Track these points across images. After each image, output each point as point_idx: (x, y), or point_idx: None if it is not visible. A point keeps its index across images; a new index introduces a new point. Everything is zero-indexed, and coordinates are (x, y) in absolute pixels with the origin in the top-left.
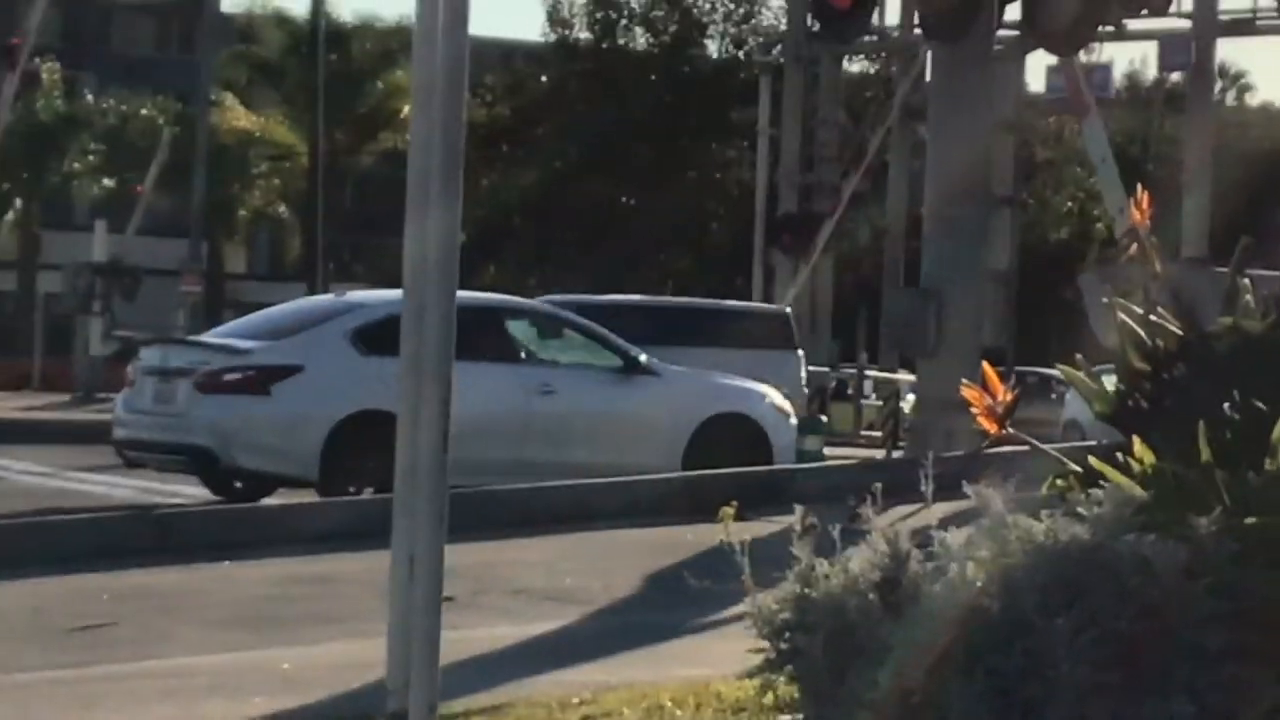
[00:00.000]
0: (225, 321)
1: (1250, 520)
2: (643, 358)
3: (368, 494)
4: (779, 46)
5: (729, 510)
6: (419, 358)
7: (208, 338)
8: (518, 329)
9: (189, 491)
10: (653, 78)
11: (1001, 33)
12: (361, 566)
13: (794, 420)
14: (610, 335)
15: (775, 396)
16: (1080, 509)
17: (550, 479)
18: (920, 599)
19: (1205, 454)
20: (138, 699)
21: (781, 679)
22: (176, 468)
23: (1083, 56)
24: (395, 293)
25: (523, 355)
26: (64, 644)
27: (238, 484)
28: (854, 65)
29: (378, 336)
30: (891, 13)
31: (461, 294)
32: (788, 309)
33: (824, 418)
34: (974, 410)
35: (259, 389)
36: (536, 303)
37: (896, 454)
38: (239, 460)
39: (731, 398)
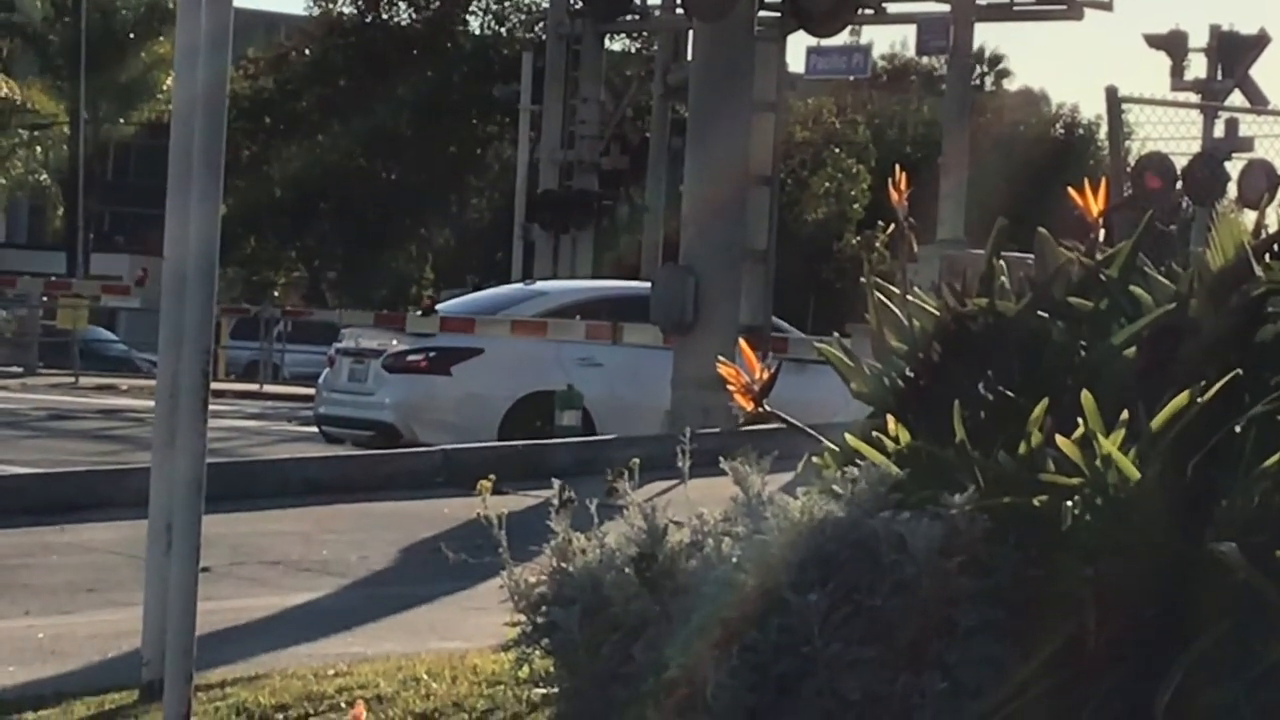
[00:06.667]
0: None
1: (1004, 499)
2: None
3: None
4: (541, 23)
5: (486, 484)
6: (180, 327)
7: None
8: None
9: None
10: (415, 53)
11: (763, 13)
12: (119, 536)
13: None
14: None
15: None
16: (836, 487)
17: None
18: (676, 574)
19: (959, 433)
20: None
21: (537, 652)
22: (368, 443)
23: (843, 38)
24: (578, 283)
25: None
26: None
27: None
28: (616, 43)
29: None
30: None
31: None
32: None
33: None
34: (731, 388)
35: (441, 369)
36: None
37: None
38: (420, 436)
39: None
